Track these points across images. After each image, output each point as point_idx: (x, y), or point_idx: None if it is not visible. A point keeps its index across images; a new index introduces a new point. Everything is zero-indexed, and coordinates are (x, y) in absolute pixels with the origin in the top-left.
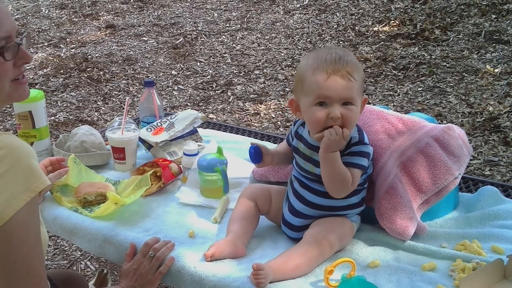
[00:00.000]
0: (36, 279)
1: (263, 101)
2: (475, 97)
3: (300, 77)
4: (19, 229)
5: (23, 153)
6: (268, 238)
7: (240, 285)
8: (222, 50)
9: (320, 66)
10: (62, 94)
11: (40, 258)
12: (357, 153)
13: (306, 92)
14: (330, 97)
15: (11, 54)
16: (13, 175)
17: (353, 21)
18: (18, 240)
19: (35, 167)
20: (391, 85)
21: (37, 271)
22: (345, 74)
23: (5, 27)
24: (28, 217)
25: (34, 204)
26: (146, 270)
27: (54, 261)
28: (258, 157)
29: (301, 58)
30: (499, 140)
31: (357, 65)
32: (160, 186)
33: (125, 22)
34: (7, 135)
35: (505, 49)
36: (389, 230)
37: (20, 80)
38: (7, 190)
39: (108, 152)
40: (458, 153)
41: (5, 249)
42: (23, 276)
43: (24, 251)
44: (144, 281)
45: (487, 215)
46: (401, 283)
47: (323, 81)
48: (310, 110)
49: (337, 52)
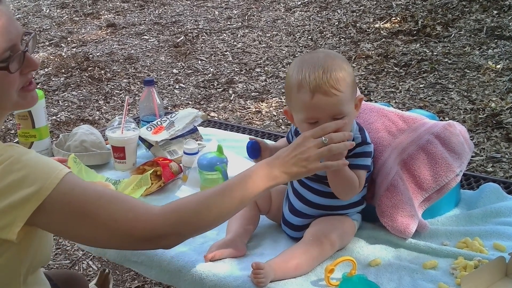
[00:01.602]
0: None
1: (264, 99)
2: (477, 94)
3: (288, 90)
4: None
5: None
6: (268, 237)
7: (241, 285)
8: (223, 48)
9: (303, 83)
10: (63, 93)
11: (111, 204)
12: (361, 154)
13: (295, 108)
14: (318, 117)
15: (16, 64)
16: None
17: (354, 18)
18: (78, 205)
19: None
20: (392, 82)
21: (112, 215)
22: (329, 90)
23: (9, 35)
24: (67, 188)
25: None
26: (309, 154)
27: (56, 261)
28: (255, 152)
29: (289, 66)
30: (501, 137)
31: (342, 72)
32: (160, 185)
33: (126, 21)
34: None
35: (507, 45)
36: (390, 228)
37: (28, 87)
38: (38, 179)
39: (108, 151)
40: (459, 150)
41: (78, 217)
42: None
43: (92, 208)
44: (302, 163)
45: (489, 212)
46: (403, 281)
47: (308, 101)
48: (302, 126)
49: (319, 62)
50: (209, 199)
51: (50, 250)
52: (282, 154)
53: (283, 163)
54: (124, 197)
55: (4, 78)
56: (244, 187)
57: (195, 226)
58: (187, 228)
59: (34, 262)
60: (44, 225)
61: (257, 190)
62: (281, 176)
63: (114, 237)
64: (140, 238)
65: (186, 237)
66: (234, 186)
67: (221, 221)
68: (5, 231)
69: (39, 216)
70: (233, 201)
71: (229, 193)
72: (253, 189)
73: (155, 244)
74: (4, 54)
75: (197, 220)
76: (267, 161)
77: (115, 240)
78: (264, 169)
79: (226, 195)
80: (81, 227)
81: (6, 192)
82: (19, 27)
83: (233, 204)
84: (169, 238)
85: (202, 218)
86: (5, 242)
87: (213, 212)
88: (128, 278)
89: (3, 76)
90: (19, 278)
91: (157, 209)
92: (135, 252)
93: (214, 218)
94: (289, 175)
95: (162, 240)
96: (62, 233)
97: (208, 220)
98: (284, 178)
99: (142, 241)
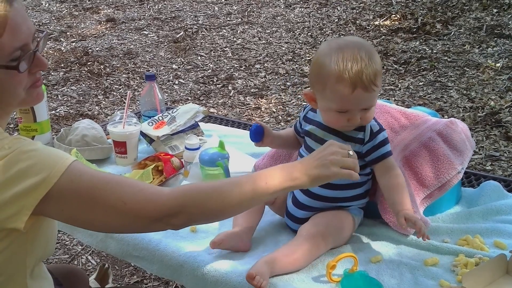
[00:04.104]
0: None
1: (264, 95)
2: (477, 92)
3: (322, 78)
4: (75, 184)
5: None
6: (270, 233)
7: (242, 281)
8: (223, 44)
9: (344, 76)
10: (62, 88)
11: (119, 187)
12: (384, 141)
13: (327, 97)
14: (352, 109)
15: (26, 64)
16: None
17: (354, 15)
18: (86, 193)
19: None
20: (392, 79)
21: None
22: (369, 86)
23: (21, 35)
24: (74, 175)
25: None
26: (334, 158)
27: (56, 256)
28: (257, 135)
29: (322, 48)
30: (500, 135)
31: (380, 68)
32: (161, 180)
33: (126, 16)
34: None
35: (507, 43)
36: (392, 225)
37: (35, 85)
38: (44, 168)
39: (110, 146)
40: (461, 148)
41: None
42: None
43: (100, 192)
44: (325, 165)
45: (490, 210)
46: (404, 278)
47: (347, 94)
48: (329, 113)
49: (362, 56)
50: (222, 187)
51: (54, 242)
52: (306, 158)
53: (306, 165)
54: (131, 181)
55: (13, 77)
56: (259, 182)
57: (204, 209)
58: (196, 210)
59: (40, 254)
60: (53, 214)
61: (272, 188)
62: (301, 178)
63: (124, 220)
64: (151, 218)
65: (193, 220)
66: (249, 179)
67: (230, 211)
68: (13, 220)
69: (48, 204)
70: (245, 193)
71: (243, 185)
72: (268, 186)
73: (166, 223)
74: (15, 53)
75: (207, 203)
76: (290, 163)
77: (126, 223)
78: (284, 169)
79: (239, 186)
80: (91, 212)
81: (13, 181)
82: (31, 26)
83: (244, 196)
84: (178, 217)
85: (212, 203)
86: (12, 232)
87: (223, 199)
88: (127, 273)
89: (12, 75)
90: (25, 270)
91: (167, 190)
92: (137, 247)
93: (224, 205)
94: (310, 178)
95: (172, 219)
96: (72, 220)
97: (217, 206)
98: (304, 180)
99: (153, 222)
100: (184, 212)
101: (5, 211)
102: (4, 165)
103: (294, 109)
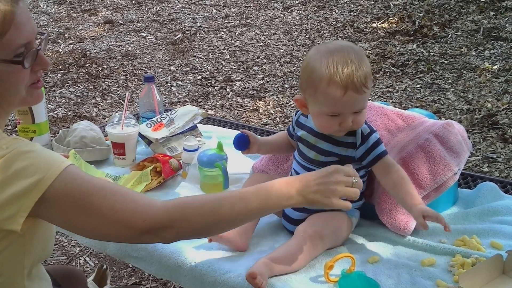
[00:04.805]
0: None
1: (262, 97)
2: (474, 94)
3: (312, 82)
4: (68, 189)
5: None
6: (268, 234)
7: (241, 281)
8: (221, 46)
9: (335, 79)
10: (60, 89)
11: (112, 196)
12: (377, 142)
13: (319, 101)
14: (344, 112)
15: (29, 60)
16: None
17: (352, 17)
18: (80, 198)
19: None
20: (389, 81)
21: (113, 206)
22: (360, 88)
23: (25, 33)
24: (69, 178)
25: (69, 167)
26: (337, 188)
27: (54, 257)
28: (241, 144)
29: (311, 54)
30: (497, 137)
31: (369, 70)
32: (160, 181)
33: (124, 18)
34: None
35: (504, 46)
36: (389, 226)
37: (36, 84)
38: (39, 169)
39: (108, 147)
40: (458, 149)
41: (77, 209)
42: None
43: (94, 200)
44: (326, 194)
45: (486, 211)
46: (401, 278)
47: (339, 97)
48: (321, 117)
49: (352, 59)
50: (215, 204)
51: (52, 244)
52: (307, 176)
53: (305, 185)
54: (125, 190)
55: (16, 73)
56: (253, 201)
57: (194, 225)
58: (186, 226)
59: (38, 256)
60: (49, 217)
61: (266, 208)
62: (297, 198)
63: (114, 229)
64: (140, 230)
65: (182, 235)
66: (243, 197)
67: (220, 228)
68: (10, 221)
69: (42, 207)
70: (238, 211)
71: (236, 204)
72: (261, 206)
73: (155, 236)
74: (19, 50)
75: (197, 219)
76: (288, 179)
77: (115, 232)
78: (282, 187)
79: (232, 205)
80: (82, 218)
81: (9, 182)
82: (34, 26)
83: (237, 215)
84: (167, 231)
85: (203, 220)
86: (10, 234)
87: (214, 217)
88: (125, 274)
89: (16, 70)
90: (23, 272)
91: (159, 202)
92: (135, 247)
93: (214, 223)
94: (306, 200)
95: (161, 232)
96: (65, 225)
97: (207, 224)
98: (299, 200)
99: (142, 233)
100: (174, 227)
101: (2, 213)
102: (2, 165)
103: (292, 111)
